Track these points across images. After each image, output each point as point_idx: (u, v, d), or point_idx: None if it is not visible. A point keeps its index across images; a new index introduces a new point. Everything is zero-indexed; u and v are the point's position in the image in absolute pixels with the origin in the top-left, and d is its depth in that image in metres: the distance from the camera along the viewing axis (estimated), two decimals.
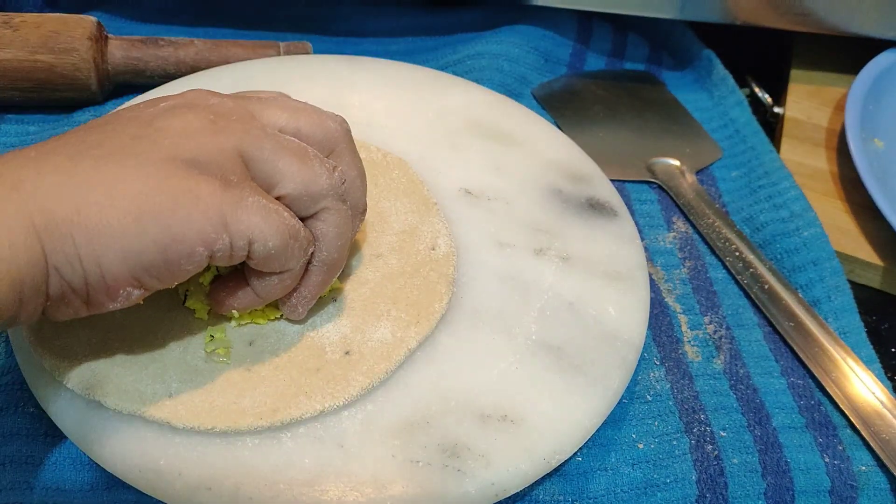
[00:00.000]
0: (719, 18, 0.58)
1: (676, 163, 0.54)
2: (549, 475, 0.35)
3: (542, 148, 0.49)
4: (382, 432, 0.33)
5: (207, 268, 0.35)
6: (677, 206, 0.52)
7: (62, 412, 0.33)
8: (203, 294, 0.36)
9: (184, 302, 0.36)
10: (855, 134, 0.53)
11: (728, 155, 0.56)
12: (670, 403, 0.40)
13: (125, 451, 0.32)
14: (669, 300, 0.45)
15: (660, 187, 0.53)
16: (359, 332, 0.36)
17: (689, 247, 0.49)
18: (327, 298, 0.38)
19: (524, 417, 0.35)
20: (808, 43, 0.65)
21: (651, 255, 0.48)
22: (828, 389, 0.42)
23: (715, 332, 0.44)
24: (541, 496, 0.35)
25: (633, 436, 0.38)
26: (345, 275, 0.39)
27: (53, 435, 0.35)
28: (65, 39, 0.47)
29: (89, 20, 0.49)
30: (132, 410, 0.32)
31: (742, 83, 0.62)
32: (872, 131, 0.55)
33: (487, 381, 0.36)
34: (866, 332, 0.45)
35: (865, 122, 0.55)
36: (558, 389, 0.36)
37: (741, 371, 0.42)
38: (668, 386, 0.40)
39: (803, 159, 0.56)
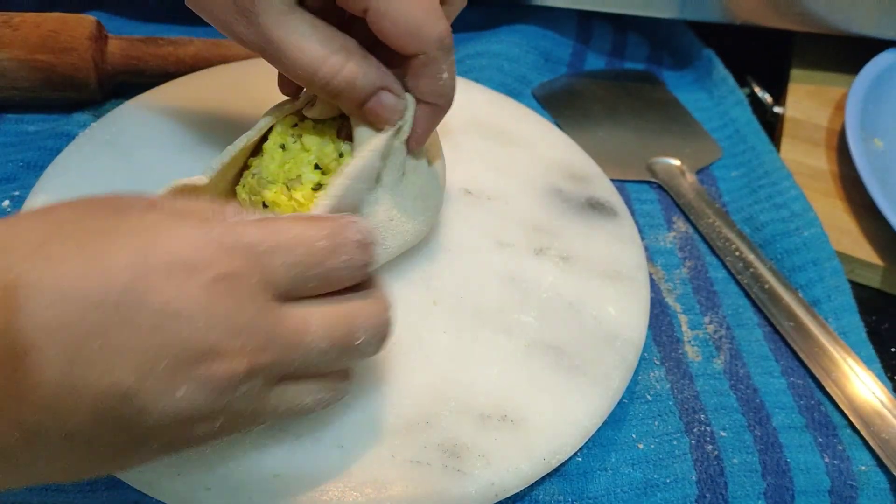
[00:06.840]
0: (719, 18, 0.58)
1: (676, 162, 0.54)
2: (549, 475, 0.35)
3: (542, 148, 0.49)
4: (382, 432, 0.33)
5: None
6: (677, 205, 0.52)
7: None
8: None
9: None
10: (855, 134, 0.53)
11: (728, 155, 0.56)
12: (670, 403, 0.40)
13: None
14: (669, 300, 0.45)
15: (660, 187, 0.53)
16: None
17: (689, 247, 0.49)
18: None
19: (524, 417, 0.35)
20: (808, 43, 0.65)
21: (651, 254, 0.48)
22: (828, 389, 0.42)
23: (715, 332, 0.44)
24: (541, 496, 0.35)
25: (634, 436, 0.38)
26: None
27: None
28: (65, 39, 0.47)
29: (89, 20, 0.49)
30: None
31: (742, 83, 0.62)
32: (872, 131, 0.55)
33: (487, 381, 0.36)
34: (866, 332, 0.45)
35: (865, 122, 0.55)
36: (558, 389, 0.36)
37: (741, 371, 0.42)
38: (669, 386, 0.40)
39: (803, 159, 0.56)
